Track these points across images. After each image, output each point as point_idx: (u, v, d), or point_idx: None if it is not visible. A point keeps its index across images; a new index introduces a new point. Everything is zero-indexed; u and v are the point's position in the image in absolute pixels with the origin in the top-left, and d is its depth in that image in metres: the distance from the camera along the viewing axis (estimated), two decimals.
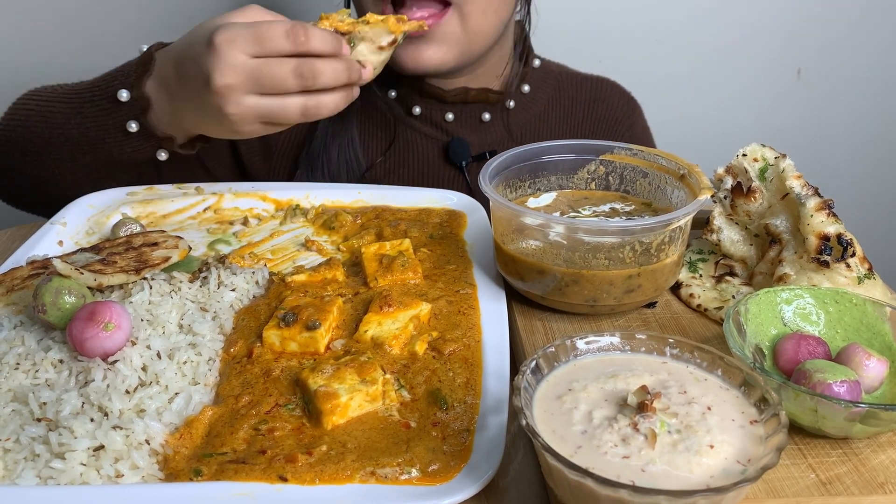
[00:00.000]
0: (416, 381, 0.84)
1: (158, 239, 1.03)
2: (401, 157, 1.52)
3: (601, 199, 1.11)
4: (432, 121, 1.52)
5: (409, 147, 1.52)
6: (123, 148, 1.22)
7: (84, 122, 1.22)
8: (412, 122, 1.52)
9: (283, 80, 1.05)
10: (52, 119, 1.25)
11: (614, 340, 0.78)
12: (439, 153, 1.52)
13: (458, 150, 1.50)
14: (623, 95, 1.67)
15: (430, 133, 1.52)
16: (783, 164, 1.01)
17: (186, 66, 1.11)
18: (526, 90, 1.56)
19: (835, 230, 0.93)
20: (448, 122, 1.51)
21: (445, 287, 1.01)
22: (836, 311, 0.88)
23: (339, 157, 1.48)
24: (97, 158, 1.24)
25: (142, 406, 0.78)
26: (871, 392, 0.81)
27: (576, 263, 0.93)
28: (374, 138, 1.53)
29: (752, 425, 0.68)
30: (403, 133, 1.52)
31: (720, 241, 1.07)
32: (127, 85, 1.18)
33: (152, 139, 1.20)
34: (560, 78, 1.63)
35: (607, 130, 1.62)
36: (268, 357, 0.87)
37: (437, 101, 1.50)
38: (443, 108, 1.51)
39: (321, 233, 1.18)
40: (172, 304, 0.92)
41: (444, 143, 1.52)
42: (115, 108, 1.19)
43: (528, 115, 1.57)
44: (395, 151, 1.52)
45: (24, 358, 0.82)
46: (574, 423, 0.68)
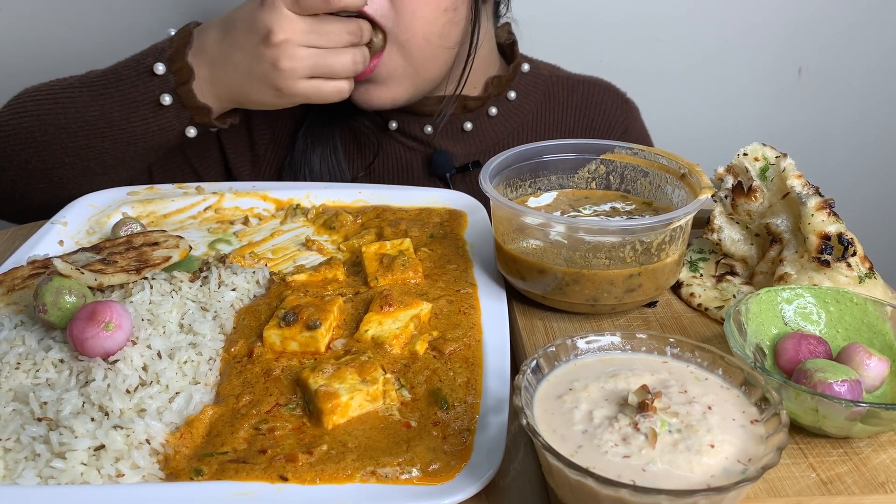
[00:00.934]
0: (416, 381, 0.84)
1: (159, 238, 1.03)
2: (384, 168, 1.50)
3: (602, 198, 1.11)
4: (411, 134, 1.49)
5: (392, 158, 1.50)
6: (150, 125, 1.26)
7: (108, 103, 1.26)
8: (393, 134, 1.50)
9: (338, 35, 1.21)
10: (71, 105, 1.28)
11: (615, 340, 0.78)
12: (423, 166, 1.50)
13: (441, 162, 1.48)
14: (617, 98, 1.62)
15: (412, 146, 1.50)
16: (784, 163, 1.01)
17: (238, 29, 1.23)
18: (512, 97, 1.53)
19: (835, 229, 0.93)
20: (427, 134, 1.48)
21: (446, 286, 1.01)
22: (836, 310, 0.88)
23: (321, 166, 1.47)
24: (116, 141, 1.27)
25: (142, 406, 0.78)
26: (872, 391, 0.81)
27: (576, 263, 0.93)
28: (357, 149, 1.51)
29: (753, 425, 0.68)
30: (386, 145, 1.50)
31: (721, 240, 1.07)
32: (163, 59, 1.25)
33: (185, 113, 1.26)
34: (551, 82, 1.59)
35: (601, 136, 1.57)
36: (268, 356, 0.87)
37: (413, 114, 1.47)
38: (420, 121, 1.48)
39: (322, 232, 1.18)
40: (173, 304, 0.92)
41: (426, 155, 1.50)
42: (149, 83, 1.25)
43: (516, 123, 1.53)
44: (380, 162, 1.50)
45: (24, 357, 0.82)
46: (575, 423, 0.68)
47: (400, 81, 1.35)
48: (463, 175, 1.49)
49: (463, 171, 1.48)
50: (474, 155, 1.50)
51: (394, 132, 1.50)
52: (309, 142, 1.47)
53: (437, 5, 1.30)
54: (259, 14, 1.19)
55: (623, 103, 1.62)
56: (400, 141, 1.50)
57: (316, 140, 1.47)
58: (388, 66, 1.32)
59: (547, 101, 1.57)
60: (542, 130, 1.56)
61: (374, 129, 1.49)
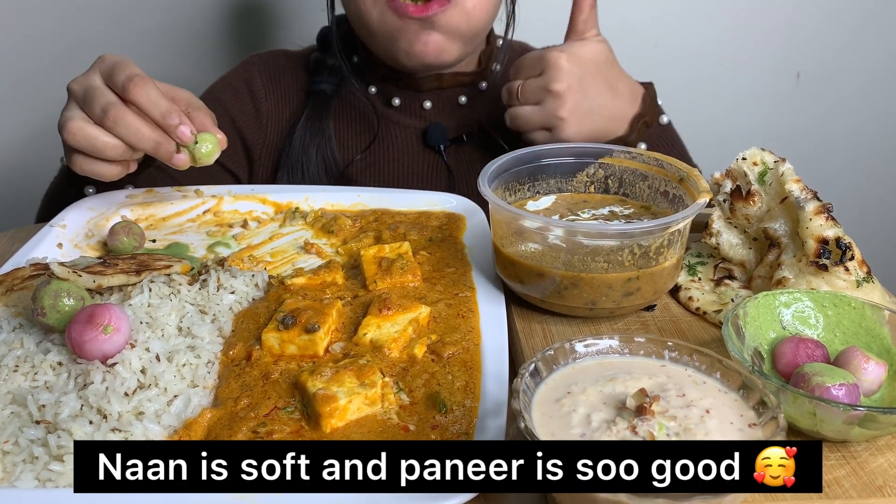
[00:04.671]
0: (415, 385, 0.84)
1: (162, 258, 1.04)
2: (380, 150, 1.55)
3: (600, 202, 1.11)
4: (411, 111, 1.55)
5: (388, 139, 1.55)
6: None
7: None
8: (392, 114, 1.55)
9: (94, 102, 1.04)
10: None
11: (613, 343, 0.78)
12: (418, 140, 1.55)
13: (435, 134, 1.53)
14: None
15: (410, 123, 1.55)
16: (782, 167, 1.02)
17: None
18: (497, 69, 1.58)
19: (833, 234, 0.93)
20: (426, 109, 1.55)
21: (444, 290, 1.01)
22: (834, 314, 0.88)
23: (317, 157, 1.51)
24: None
25: (141, 408, 0.78)
26: (870, 395, 0.81)
27: (575, 266, 0.93)
28: (352, 136, 1.56)
29: (751, 428, 0.68)
30: (382, 125, 1.55)
31: (719, 244, 1.07)
32: None
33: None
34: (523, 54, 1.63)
35: None
36: (267, 360, 0.87)
37: (414, 90, 1.54)
38: (420, 96, 1.54)
39: (320, 236, 1.18)
40: (171, 307, 0.92)
41: (421, 129, 1.55)
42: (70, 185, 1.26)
43: None
44: (376, 145, 1.54)
45: (23, 360, 0.82)
46: (573, 426, 0.68)
47: (457, 38, 1.41)
48: (456, 148, 1.55)
49: (457, 142, 1.54)
50: (466, 127, 1.56)
51: (394, 111, 1.55)
52: (308, 133, 1.51)
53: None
54: None
55: None
56: (397, 121, 1.55)
57: (314, 132, 1.52)
58: (451, 20, 1.37)
59: None
60: None
61: (373, 110, 1.54)
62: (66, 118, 1.07)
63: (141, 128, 1.04)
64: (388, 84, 1.54)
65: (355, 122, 1.56)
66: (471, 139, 1.54)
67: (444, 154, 1.53)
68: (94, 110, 1.04)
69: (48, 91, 2.08)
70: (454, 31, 1.39)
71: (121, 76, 1.05)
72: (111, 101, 1.04)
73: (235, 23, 2.12)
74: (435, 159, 1.54)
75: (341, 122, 1.55)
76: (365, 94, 1.55)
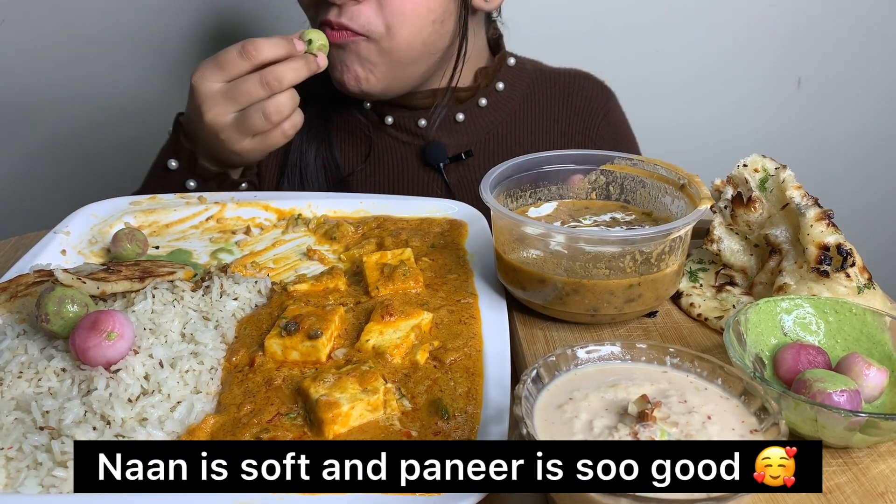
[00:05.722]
0: (417, 391, 0.84)
1: (165, 264, 1.04)
2: (379, 163, 1.54)
3: (602, 208, 1.11)
4: (406, 128, 1.54)
5: (386, 153, 1.55)
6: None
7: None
8: (388, 129, 1.54)
9: (252, 92, 1.23)
10: None
11: (615, 350, 0.78)
12: (417, 157, 1.55)
13: (434, 153, 1.52)
14: (597, 85, 1.70)
15: (406, 139, 1.54)
16: (783, 174, 1.02)
17: (189, 116, 1.32)
18: (500, 88, 1.58)
19: (834, 240, 0.94)
20: (421, 127, 1.53)
21: (447, 296, 1.01)
22: (835, 320, 0.88)
23: (316, 162, 1.52)
24: None
25: (144, 414, 0.79)
26: (871, 401, 0.81)
27: (576, 273, 0.94)
28: (352, 145, 1.56)
29: (753, 434, 0.68)
30: (380, 140, 1.54)
31: (720, 250, 1.07)
32: (171, 154, 1.38)
33: (209, 184, 1.37)
34: (535, 74, 1.65)
35: (584, 121, 1.64)
36: (269, 366, 0.88)
37: (407, 108, 1.52)
38: (414, 114, 1.53)
39: (323, 242, 1.18)
40: (175, 313, 0.92)
41: (420, 147, 1.54)
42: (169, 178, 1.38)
43: (504, 113, 1.59)
44: (375, 156, 1.54)
45: (27, 366, 0.83)
46: (575, 433, 0.68)
47: (373, 68, 1.39)
48: (456, 165, 1.54)
49: (456, 160, 1.53)
50: (467, 145, 1.55)
51: (389, 127, 1.54)
52: (305, 139, 1.52)
53: (425, 17, 1.36)
54: (190, 98, 1.28)
55: (602, 90, 1.70)
56: (394, 136, 1.54)
57: (312, 138, 1.52)
58: (362, 52, 1.37)
59: (532, 92, 1.63)
60: (530, 119, 1.62)
61: (369, 125, 1.54)
62: (225, 136, 1.26)
63: (286, 70, 1.23)
64: (382, 102, 1.52)
65: (355, 132, 1.56)
66: (470, 157, 1.53)
67: (444, 172, 1.53)
68: (254, 91, 1.22)
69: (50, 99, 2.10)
70: (372, 63, 1.38)
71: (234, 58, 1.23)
72: (257, 76, 1.23)
73: (233, 30, 2.13)
74: (434, 176, 1.54)
75: (342, 131, 1.56)
76: (360, 110, 1.54)
